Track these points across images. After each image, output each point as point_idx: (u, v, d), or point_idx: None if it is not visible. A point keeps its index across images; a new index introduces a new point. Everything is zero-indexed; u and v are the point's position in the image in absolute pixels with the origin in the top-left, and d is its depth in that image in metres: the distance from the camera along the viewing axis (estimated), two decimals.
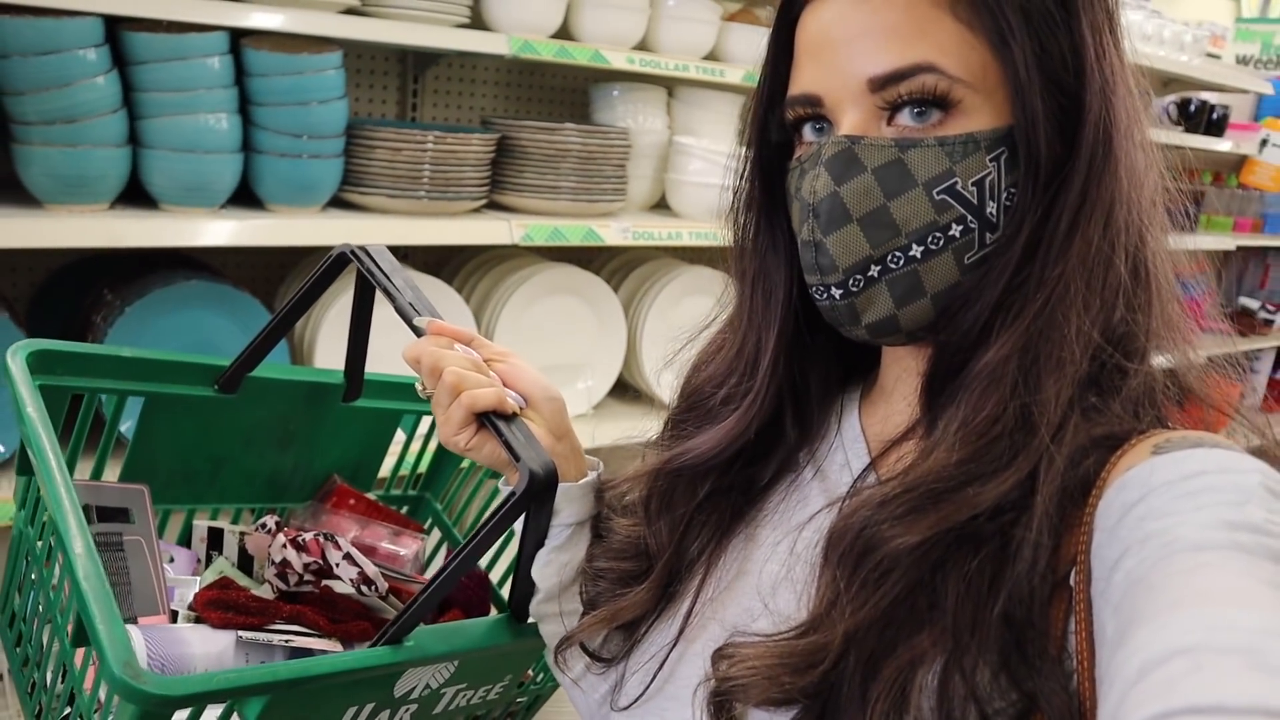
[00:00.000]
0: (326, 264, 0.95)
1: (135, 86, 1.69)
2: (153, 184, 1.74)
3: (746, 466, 0.81)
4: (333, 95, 1.82)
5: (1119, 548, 0.56)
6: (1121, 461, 0.61)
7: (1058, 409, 0.63)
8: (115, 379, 0.99)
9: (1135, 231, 0.68)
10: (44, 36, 1.57)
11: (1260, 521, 0.52)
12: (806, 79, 0.71)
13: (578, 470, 0.87)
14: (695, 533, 0.81)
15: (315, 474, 1.20)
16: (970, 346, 0.68)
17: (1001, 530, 0.62)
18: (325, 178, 1.87)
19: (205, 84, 1.71)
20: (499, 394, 0.81)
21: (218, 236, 1.76)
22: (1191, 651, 0.45)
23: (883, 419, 0.78)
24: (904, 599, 0.63)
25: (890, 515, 0.64)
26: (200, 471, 1.11)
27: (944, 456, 0.65)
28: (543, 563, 0.85)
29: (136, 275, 1.89)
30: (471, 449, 0.84)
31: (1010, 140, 0.67)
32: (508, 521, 0.78)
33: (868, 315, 0.70)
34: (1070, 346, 0.64)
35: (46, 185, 1.65)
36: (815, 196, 0.69)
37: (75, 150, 1.63)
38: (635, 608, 0.80)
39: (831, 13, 0.70)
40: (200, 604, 0.91)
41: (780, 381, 0.79)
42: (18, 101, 1.60)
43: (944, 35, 0.66)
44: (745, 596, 0.76)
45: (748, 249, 0.80)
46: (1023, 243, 0.67)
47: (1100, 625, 0.56)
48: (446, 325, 0.87)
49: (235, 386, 1.05)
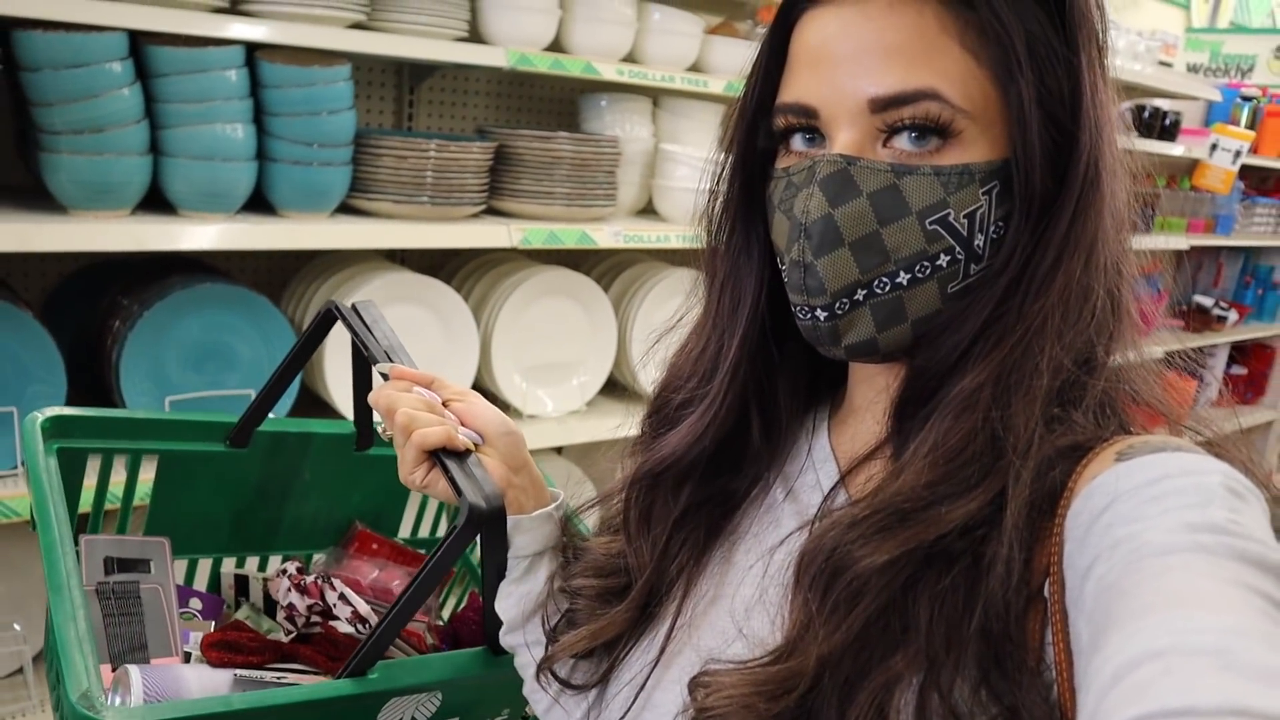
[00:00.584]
0: (317, 321, 1.01)
1: (157, 98, 1.77)
2: (172, 190, 1.83)
3: (719, 479, 0.81)
4: (342, 106, 1.92)
5: (1089, 556, 0.56)
6: (1087, 470, 0.62)
7: (1026, 432, 0.63)
8: (129, 439, 1.07)
9: (1113, 266, 0.69)
10: (73, 50, 1.66)
11: (1223, 522, 0.53)
12: (802, 88, 0.70)
13: (537, 501, 0.88)
14: (675, 550, 0.80)
15: (338, 520, 1.26)
16: (945, 372, 0.68)
17: (973, 547, 0.62)
18: (334, 184, 1.96)
19: (223, 95, 1.80)
20: (447, 431, 0.83)
21: (233, 240, 1.85)
22: (1162, 655, 0.45)
23: (852, 437, 0.78)
24: (876, 620, 0.63)
25: (859, 536, 0.64)
26: (222, 522, 1.17)
27: (912, 478, 0.65)
28: (503, 595, 0.87)
29: (149, 280, 1.97)
30: (428, 486, 0.86)
31: (1003, 174, 0.67)
32: (451, 554, 0.80)
33: (848, 337, 0.70)
34: (1042, 375, 0.64)
35: (72, 191, 1.74)
36: (808, 216, 0.68)
37: (100, 158, 1.71)
38: (616, 626, 0.80)
39: (835, 24, 0.68)
40: (205, 645, 0.95)
41: (742, 388, 0.78)
42: (46, 112, 1.69)
43: (950, 63, 0.66)
44: (720, 620, 0.76)
45: (720, 251, 0.80)
46: (1009, 276, 0.67)
47: (1076, 634, 0.57)
48: (408, 370, 0.91)
49: (246, 441, 1.12)
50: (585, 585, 0.84)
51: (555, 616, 0.86)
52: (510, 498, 0.85)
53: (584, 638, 0.81)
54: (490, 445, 0.87)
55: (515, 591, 0.86)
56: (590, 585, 0.84)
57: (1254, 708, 0.41)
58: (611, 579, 0.83)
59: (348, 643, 0.99)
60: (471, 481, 0.82)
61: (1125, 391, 0.69)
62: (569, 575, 0.87)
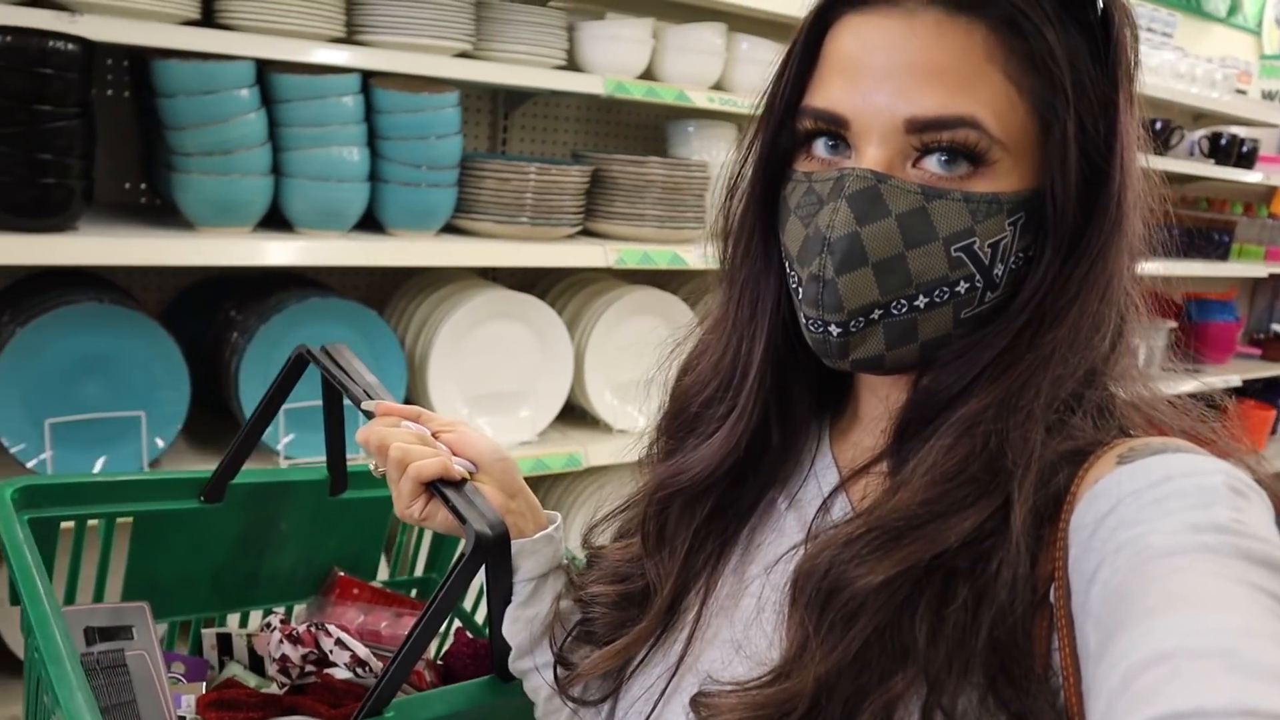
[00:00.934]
0: (288, 366, 1.01)
1: (279, 122, 1.87)
2: (291, 209, 1.93)
3: (740, 487, 0.80)
4: (450, 131, 2.01)
5: (1094, 560, 0.56)
6: (1089, 474, 0.61)
7: (1027, 445, 0.63)
8: (100, 504, 1.04)
9: (1125, 301, 0.69)
10: (206, 77, 1.76)
11: (1226, 521, 0.53)
12: (835, 96, 0.68)
13: (535, 525, 0.87)
14: (695, 559, 0.80)
15: (317, 569, 1.24)
16: (953, 396, 0.68)
17: (975, 561, 0.62)
18: (441, 205, 2.05)
19: (339, 120, 1.90)
20: (443, 462, 0.83)
21: (347, 257, 1.94)
22: (1170, 657, 0.45)
23: (854, 445, 0.78)
24: (875, 640, 0.62)
25: (855, 555, 0.64)
26: (200, 581, 1.15)
27: (909, 497, 0.64)
28: (510, 620, 0.86)
29: (259, 294, 2.07)
30: (426, 519, 0.85)
31: (1029, 206, 0.67)
32: (462, 583, 0.79)
33: (857, 353, 0.70)
34: (1044, 400, 0.65)
35: (201, 210, 1.84)
36: (833, 231, 0.66)
37: (227, 179, 1.82)
38: (640, 641, 0.79)
39: (877, 35, 0.66)
40: (201, 706, 0.94)
41: (767, 395, 0.77)
42: (179, 136, 1.79)
43: (991, 92, 0.64)
44: (723, 634, 0.76)
45: (739, 254, 0.78)
46: (1030, 309, 0.67)
47: (1083, 639, 0.56)
48: (394, 405, 0.90)
49: (220, 495, 1.10)
50: (602, 593, 0.84)
51: (563, 636, 0.85)
52: (509, 523, 0.84)
53: (609, 656, 0.80)
54: (485, 473, 0.87)
55: (523, 616, 0.85)
56: (607, 592, 0.83)
57: (1263, 708, 0.41)
58: (628, 584, 0.83)
59: (346, 688, 0.98)
60: (473, 509, 0.81)
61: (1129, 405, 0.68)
62: (584, 583, 0.86)
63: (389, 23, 1.94)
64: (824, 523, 0.73)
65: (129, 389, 1.83)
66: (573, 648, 0.85)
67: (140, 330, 1.83)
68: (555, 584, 0.87)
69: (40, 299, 1.83)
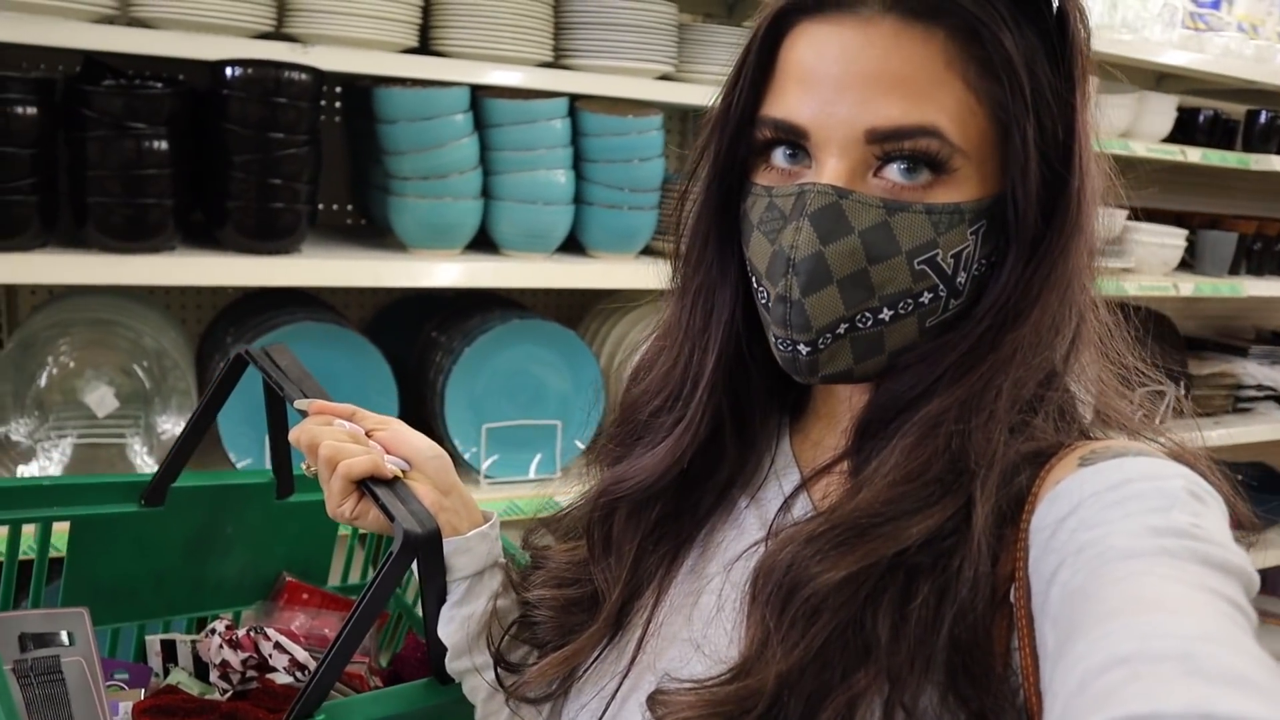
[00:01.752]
0: (226, 367, 0.99)
1: (489, 146, 1.90)
2: (498, 232, 1.95)
3: (691, 490, 0.79)
4: (653, 154, 2.01)
5: (1054, 561, 0.56)
6: (1050, 476, 0.61)
7: (989, 445, 0.63)
8: (37, 508, 1.01)
9: (1085, 300, 0.69)
10: (425, 104, 1.80)
11: (1185, 526, 0.53)
12: (794, 107, 0.67)
13: (470, 523, 0.86)
14: (645, 564, 0.78)
15: (265, 574, 1.21)
16: (914, 398, 0.68)
17: (937, 558, 0.61)
18: (643, 227, 2.05)
19: (547, 144, 1.91)
20: (374, 460, 0.81)
21: (551, 279, 1.96)
22: (1128, 660, 0.45)
23: (815, 444, 0.77)
24: (837, 637, 0.62)
25: (817, 551, 0.63)
26: (143, 586, 1.11)
27: (871, 495, 0.64)
28: (445, 620, 0.84)
29: (459, 314, 2.10)
30: (358, 518, 0.84)
31: (990, 212, 0.66)
32: (391, 581, 0.78)
33: (827, 369, 0.69)
34: (1006, 400, 0.65)
35: (415, 233, 1.88)
36: (797, 252, 0.66)
37: (440, 202, 1.85)
38: (589, 647, 0.78)
39: (834, 44, 0.65)
40: (137, 713, 0.91)
41: (718, 404, 0.76)
42: (396, 160, 1.84)
43: (951, 99, 0.64)
44: (682, 633, 0.75)
45: (693, 262, 0.77)
46: (991, 315, 0.67)
47: (1041, 639, 0.56)
48: (327, 404, 0.89)
49: (161, 499, 1.07)
50: (547, 596, 0.82)
51: (500, 635, 0.83)
52: (443, 520, 0.83)
53: (556, 662, 0.78)
54: (418, 470, 0.85)
55: (458, 615, 0.83)
56: (553, 596, 0.82)
57: (1219, 712, 0.41)
58: (574, 589, 0.81)
59: (287, 693, 0.96)
60: (403, 506, 0.80)
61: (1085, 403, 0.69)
62: (528, 585, 0.85)
63: (595, 46, 1.95)
64: (785, 521, 0.72)
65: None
66: (511, 647, 0.83)
67: (354, 348, 1.88)
68: (491, 582, 0.85)
69: (261, 317, 1.90)
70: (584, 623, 0.80)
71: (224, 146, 1.67)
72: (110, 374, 1.79)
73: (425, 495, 0.83)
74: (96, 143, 1.59)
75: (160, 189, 1.63)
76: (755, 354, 0.76)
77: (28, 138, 1.55)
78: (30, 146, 1.56)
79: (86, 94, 1.58)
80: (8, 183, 1.55)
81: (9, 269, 1.59)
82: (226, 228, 1.72)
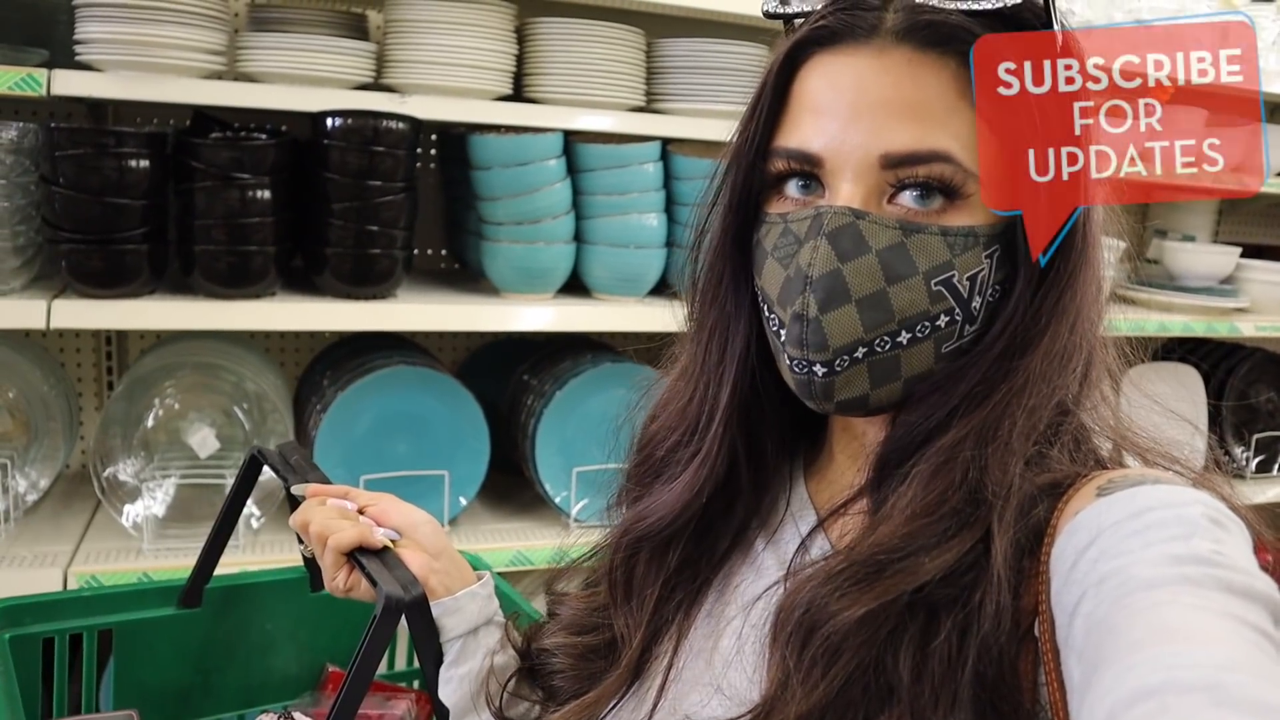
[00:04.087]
0: (244, 467, 1.02)
1: (581, 190, 1.91)
2: (590, 276, 1.96)
3: (708, 532, 0.78)
4: None
5: (1076, 592, 0.55)
6: (1069, 507, 0.61)
7: (1006, 477, 0.63)
8: (80, 618, 1.06)
9: (1094, 329, 0.69)
10: (519, 150, 1.82)
11: (1206, 553, 0.52)
12: (808, 135, 0.67)
13: (463, 583, 0.87)
14: (665, 610, 0.78)
15: (309, 667, 1.23)
16: (930, 430, 0.67)
17: (958, 594, 0.61)
18: None
19: (639, 187, 1.92)
20: (361, 531, 0.84)
21: (644, 323, 1.95)
22: (1156, 693, 0.45)
23: (830, 484, 0.77)
24: (858, 677, 0.61)
25: (836, 589, 0.63)
26: (191, 687, 1.14)
27: (889, 531, 0.64)
28: (444, 681, 0.85)
29: (549, 358, 2.11)
30: (351, 590, 0.86)
31: (1004, 238, 0.67)
32: (376, 645, 0.78)
33: (842, 395, 0.69)
34: (1020, 431, 0.64)
35: (508, 277, 1.90)
36: (814, 269, 0.66)
37: (533, 247, 1.87)
38: (609, 695, 0.78)
39: (848, 73, 0.66)
40: None
41: (733, 441, 0.76)
42: (491, 206, 1.86)
43: (964, 126, 0.65)
44: (702, 676, 0.74)
45: (709, 298, 0.77)
46: (1004, 339, 0.67)
47: (1068, 672, 0.55)
48: (321, 486, 0.93)
49: (197, 600, 1.10)
50: (565, 644, 0.82)
51: (498, 691, 0.84)
52: (435, 583, 0.84)
53: (578, 710, 0.78)
54: (408, 538, 0.88)
55: (455, 675, 0.84)
56: (570, 644, 0.82)
57: None
58: (592, 636, 0.81)
59: None
60: (386, 572, 0.82)
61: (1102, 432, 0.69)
62: (544, 634, 0.85)
63: (686, 90, 1.96)
64: (803, 561, 0.71)
65: (434, 448, 1.90)
66: (511, 703, 0.84)
67: (447, 391, 1.90)
68: (487, 640, 0.86)
69: (356, 361, 1.93)
70: (603, 670, 0.80)
71: (324, 194, 1.71)
72: (213, 415, 1.84)
73: (414, 561, 0.85)
74: (203, 193, 1.64)
75: (263, 237, 1.67)
76: (769, 389, 0.76)
77: (141, 189, 1.61)
78: (143, 198, 1.61)
79: (194, 146, 1.64)
80: (122, 232, 1.61)
81: (121, 314, 1.65)
82: (325, 273, 1.76)
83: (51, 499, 1.92)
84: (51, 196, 1.60)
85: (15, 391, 1.82)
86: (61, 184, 1.58)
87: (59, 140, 1.57)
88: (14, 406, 1.83)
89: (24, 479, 1.83)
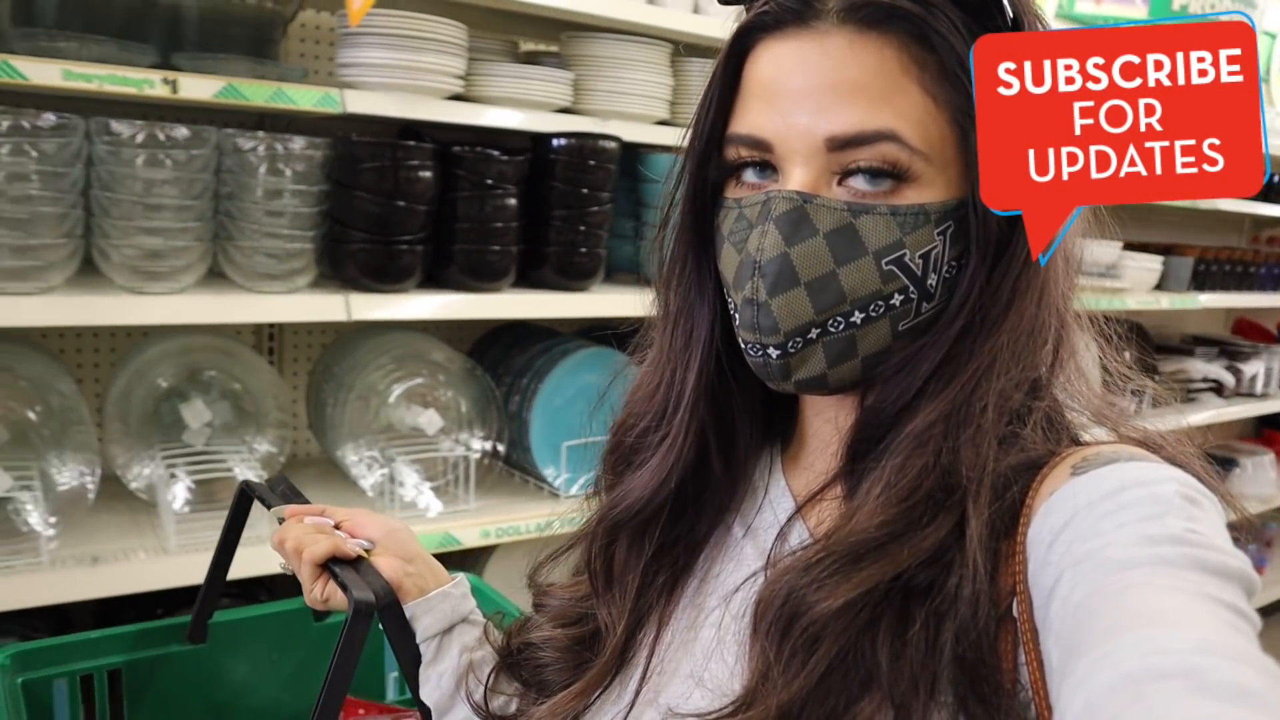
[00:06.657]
0: (235, 501, 1.04)
1: None
2: None
3: (684, 519, 0.79)
4: None
5: (1053, 574, 0.56)
6: (1044, 486, 0.61)
7: (979, 458, 0.63)
8: (89, 659, 1.10)
9: (1063, 304, 0.70)
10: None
11: (1181, 532, 0.52)
12: (756, 121, 0.68)
13: (437, 584, 0.91)
14: (646, 596, 0.79)
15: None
16: (898, 412, 0.68)
17: (935, 579, 0.61)
18: None
19: None
20: (334, 542, 0.87)
21: None
22: (1132, 680, 0.44)
23: (806, 470, 0.77)
24: (838, 665, 0.61)
25: (814, 579, 0.63)
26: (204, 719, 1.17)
27: (865, 519, 0.64)
28: (423, 682, 0.87)
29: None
30: (329, 600, 0.89)
31: (957, 214, 0.66)
32: (349, 650, 0.80)
33: (799, 373, 0.69)
34: (992, 412, 0.64)
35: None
36: (763, 254, 0.66)
37: None
38: (597, 683, 0.78)
39: (793, 57, 0.66)
40: None
41: (701, 424, 0.76)
42: (656, 213, 2.21)
43: (909, 105, 0.65)
44: (683, 667, 0.75)
45: (673, 284, 0.77)
46: (964, 316, 0.67)
47: (1046, 654, 0.56)
48: (298, 506, 0.96)
49: (203, 635, 1.14)
50: (552, 636, 0.84)
51: (477, 686, 0.87)
52: (409, 586, 0.88)
53: (570, 699, 0.79)
54: (381, 546, 0.92)
55: (433, 673, 0.88)
56: (557, 636, 0.83)
57: None
58: (577, 627, 0.83)
59: None
60: (357, 578, 0.85)
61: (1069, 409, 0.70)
62: (531, 627, 0.87)
63: None
64: (782, 550, 0.72)
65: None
66: (491, 696, 0.87)
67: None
68: (463, 637, 0.90)
69: (538, 345, 2.21)
70: (590, 660, 0.81)
71: (548, 202, 2.02)
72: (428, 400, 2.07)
73: (387, 566, 0.88)
74: (464, 200, 1.91)
75: (509, 239, 1.96)
76: (736, 372, 0.76)
77: (426, 196, 1.85)
78: (427, 204, 1.86)
79: (460, 158, 1.90)
80: (407, 234, 1.85)
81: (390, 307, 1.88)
82: (545, 269, 2.06)
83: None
84: (350, 201, 1.81)
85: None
86: (361, 191, 1.80)
87: (360, 153, 1.79)
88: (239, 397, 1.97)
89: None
